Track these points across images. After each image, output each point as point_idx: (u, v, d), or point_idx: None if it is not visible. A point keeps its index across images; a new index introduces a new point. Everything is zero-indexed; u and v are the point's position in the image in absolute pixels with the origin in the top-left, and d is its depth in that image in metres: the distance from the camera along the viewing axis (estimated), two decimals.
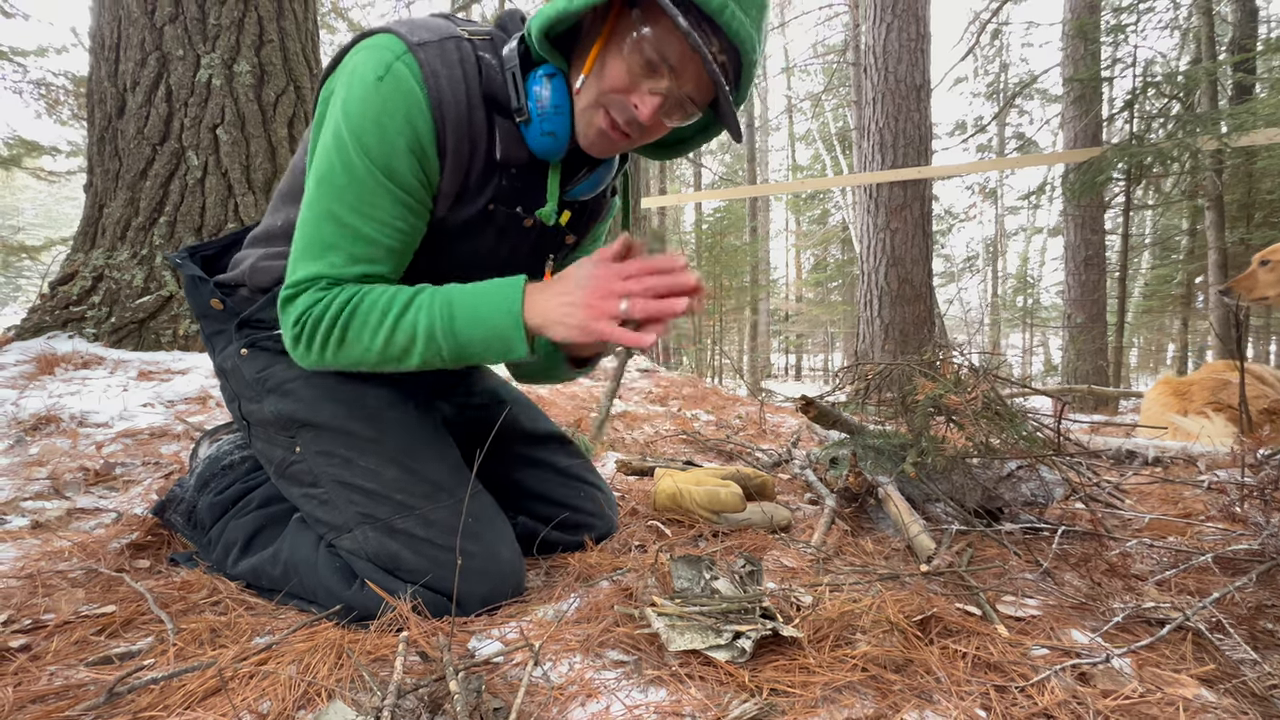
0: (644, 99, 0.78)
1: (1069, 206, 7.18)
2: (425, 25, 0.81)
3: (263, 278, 0.95)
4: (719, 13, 0.71)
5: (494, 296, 0.78)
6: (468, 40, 0.82)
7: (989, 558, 1.13)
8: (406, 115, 0.77)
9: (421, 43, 0.77)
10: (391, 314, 0.79)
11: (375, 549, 0.87)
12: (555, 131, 0.82)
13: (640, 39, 0.75)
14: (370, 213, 0.79)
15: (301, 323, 0.81)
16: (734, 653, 0.72)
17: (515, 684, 0.69)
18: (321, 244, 0.80)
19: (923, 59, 5.14)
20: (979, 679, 0.70)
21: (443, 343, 0.79)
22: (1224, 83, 6.86)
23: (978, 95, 16.18)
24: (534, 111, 0.80)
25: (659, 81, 0.78)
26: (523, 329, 0.77)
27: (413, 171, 0.80)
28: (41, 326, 2.37)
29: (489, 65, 0.82)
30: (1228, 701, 0.68)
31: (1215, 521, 1.26)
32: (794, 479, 1.72)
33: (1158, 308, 11.76)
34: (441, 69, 0.78)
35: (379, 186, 0.78)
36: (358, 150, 0.77)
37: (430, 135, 0.79)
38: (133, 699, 0.64)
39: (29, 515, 1.21)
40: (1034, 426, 1.35)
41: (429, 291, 0.81)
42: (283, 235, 0.93)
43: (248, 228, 1.14)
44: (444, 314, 0.78)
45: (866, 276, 5.31)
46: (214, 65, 2.54)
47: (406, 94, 0.76)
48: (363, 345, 0.80)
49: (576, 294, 0.75)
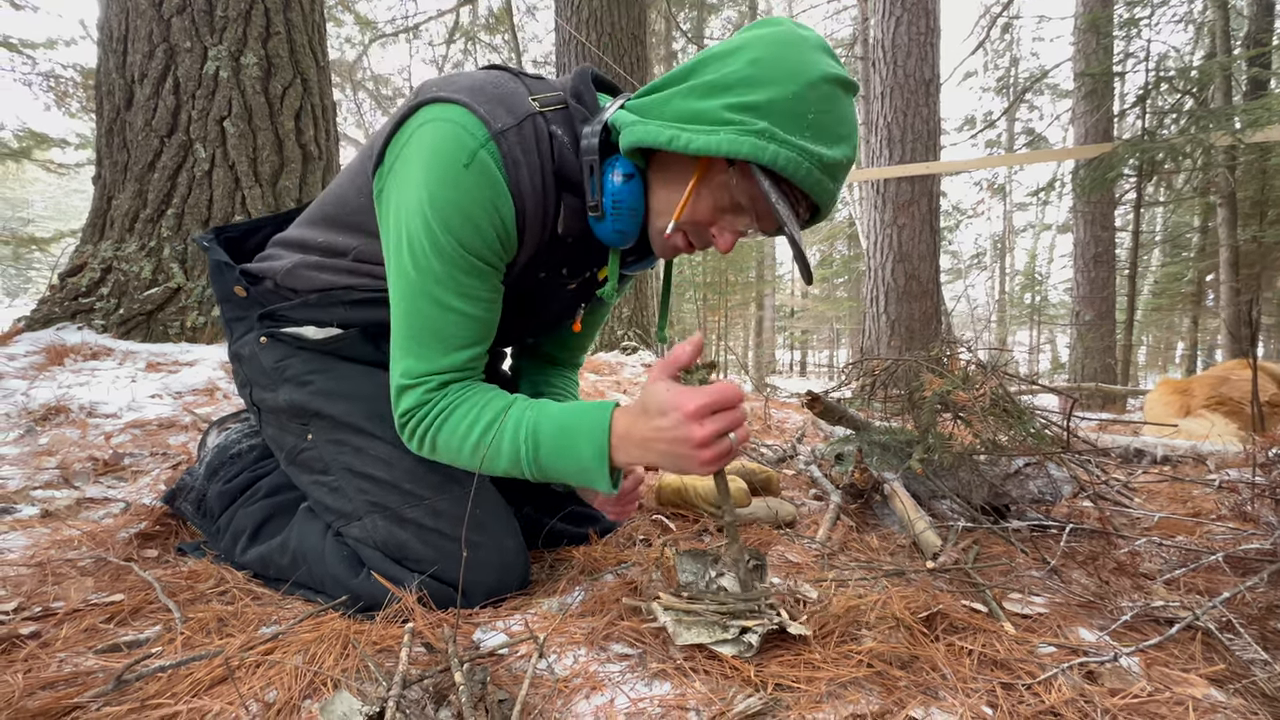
0: (724, 235, 0.81)
1: (1079, 203, 7.12)
2: (499, 99, 0.79)
3: (301, 283, 0.97)
4: (812, 189, 0.73)
5: (579, 436, 0.78)
6: (540, 114, 0.81)
7: (995, 555, 1.12)
8: (493, 203, 0.78)
9: (503, 130, 0.77)
10: (474, 435, 0.81)
11: (384, 537, 0.87)
12: (626, 231, 0.83)
13: (732, 186, 0.77)
14: (466, 292, 0.81)
15: (405, 420, 0.84)
16: (741, 647, 0.72)
17: (520, 676, 0.69)
18: (426, 330, 0.81)
19: (932, 53, 5.09)
20: (985, 676, 0.69)
21: (528, 471, 0.81)
22: (1238, 78, 6.77)
23: (987, 90, 16.04)
24: (608, 208, 0.81)
25: (741, 219, 0.80)
26: (607, 473, 0.78)
27: (495, 253, 0.81)
28: (51, 318, 2.39)
29: (560, 144, 0.82)
30: (1237, 701, 0.67)
31: (1225, 521, 1.25)
32: (799, 475, 1.71)
33: (1167, 305, 11.65)
34: (522, 158, 0.79)
35: (470, 267, 0.80)
36: (447, 236, 0.77)
37: (512, 220, 0.80)
38: (141, 686, 0.64)
39: (39, 504, 1.22)
40: (1042, 423, 1.34)
41: (515, 415, 0.81)
42: (322, 250, 0.95)
43: (272, 218, 1.15)
44: (529, 446, 0.79)
45: (873, 272, 5.28)
46: (221, 57, 2.54)
47: (492, 183, 0.77)
48: (452, 456, 0.84)
49: (679, 446, 0.72)
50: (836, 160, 0.74)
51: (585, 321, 1.13)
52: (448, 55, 11.14)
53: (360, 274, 0.93)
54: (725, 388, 0.72)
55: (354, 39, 10.95)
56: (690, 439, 0.71)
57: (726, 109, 0.72)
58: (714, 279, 12.69)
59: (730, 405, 0.72)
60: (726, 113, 0.72)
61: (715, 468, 0.73)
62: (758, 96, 0.71)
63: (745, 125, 0.71)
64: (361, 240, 0.91)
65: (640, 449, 0.75)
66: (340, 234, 0.94)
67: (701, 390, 0.72)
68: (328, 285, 0.95)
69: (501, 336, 0.94)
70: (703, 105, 0.73)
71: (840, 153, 0.74)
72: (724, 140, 0.71)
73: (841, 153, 0.74)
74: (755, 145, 0.70)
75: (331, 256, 0.95)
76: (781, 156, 0.70)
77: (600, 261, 0.97)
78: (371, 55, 11.93)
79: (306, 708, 0.62)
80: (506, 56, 10.51)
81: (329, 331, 0.96)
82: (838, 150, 0.74)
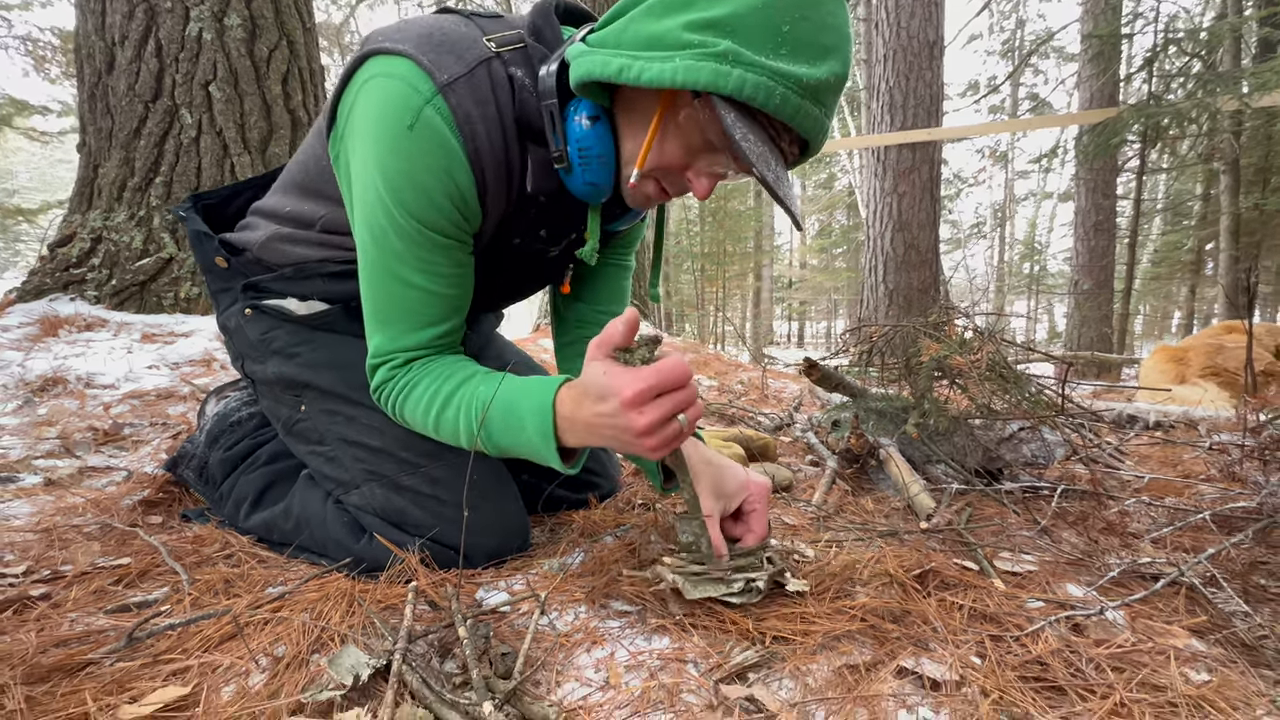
0: (700, 180, 0.72)
1: (1081, 170, 7.03)
2: (448, 46, 0.72)
3: (277, 257, 0.95)
4: (792, 117, 0.63)
5: (525, 417, 0.72)
6: (496, 58, 0.73)
7: (988, 516, 1.14)
8: (446, 170, 0.72)
9: (451, 81, 0.70)
10: (433, 412, 0.79)
11: (382, 504, 0.88)
12: (599, 184, 0.75)
13: (701, 122, 0.67)
14: (428, 269, 0.77)
15: (377, 396, 0.84)
16: (748, 595, 0.74)
17: (522, 632, 0.71)
18: (391, 308, 0.79)
19: (936, 13, 4.95)
20: (975, 629, 0.71)
21: (486, 448, 0.78)
22: (1248, 40, 6.62)
23: (992, 53, 15.70)
24: (574, 158, 0.73)
25: (717, 161, 0.71)
26: (556, 453, 0.72)
27: (456, 223, 0.76)
28: (43, 289, 2.36)
29: (522, 86, 0.74)
30: (1217, 651, 0.69)
31: (1214, 482, 1.27)
32: (795, 442, 1.73)
33: (1166, 274, 11.64)
34: (475, 109, 0.71)
35: (431, 243, 0.75)
36: (401, 211, 0.73)
37: (471, 187, 0.74)
38: (152, 644, 0.66)
39: (41, 473, 1.22)
40: (1038, 388, 1.35)
41: (467, 392, 0.77)
42: (291, 221, 0.93)
43: (250, 181, 1.12)
44: (479, 424, 0.76)
45: (872, 242, 5.24)
46: (204, 18, 2.46)
47: (441, 145, 0.70)
48: (421, 431, 0.83)
49: (622, 434, 0.65)
50: (820, 80, 0.62)
51: (608, 276, 1.06)
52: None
53: (331, 245, 0.91)
54: (668, 367, 0.63)
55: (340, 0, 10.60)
56: (631, 427, 0.63)
57: (685, 28, 0.61)
58: (712, 249, 12.59)
59: (676, 385, 0.63)
60: (685, 33, 0.61)
61: (663, 454, 0.66)
62: (720, 10, 0.60)
63: (705, 48, 0.60)
64: (328, 208, 0.88)
65: (587, 432, 0.69)
66: (307, 201, 0.91)
67: (640, 373, 0.63)
68: (301, 259, 0.93)
69: (479, 304, 0.90)
70: (660, 26, 0.63)
71: (826, 70, 0.62)
72: (679, 68, 0.61)
73: (828, 70, 0.62)
74: (715, 71, 0.60)
75: (301, 227, 0.92)
76: (749, 83, 0.60)
77: (585, 221, 0.87)
78: (359, 16, 11.55)
79: (315, 661, 0.63)
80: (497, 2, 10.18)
81: (313, 307, 0.95)
82: (822, 68, 0.62)
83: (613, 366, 0.65)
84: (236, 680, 0.61)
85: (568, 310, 1.09)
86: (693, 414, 0.66)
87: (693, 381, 0.66)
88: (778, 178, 0.64)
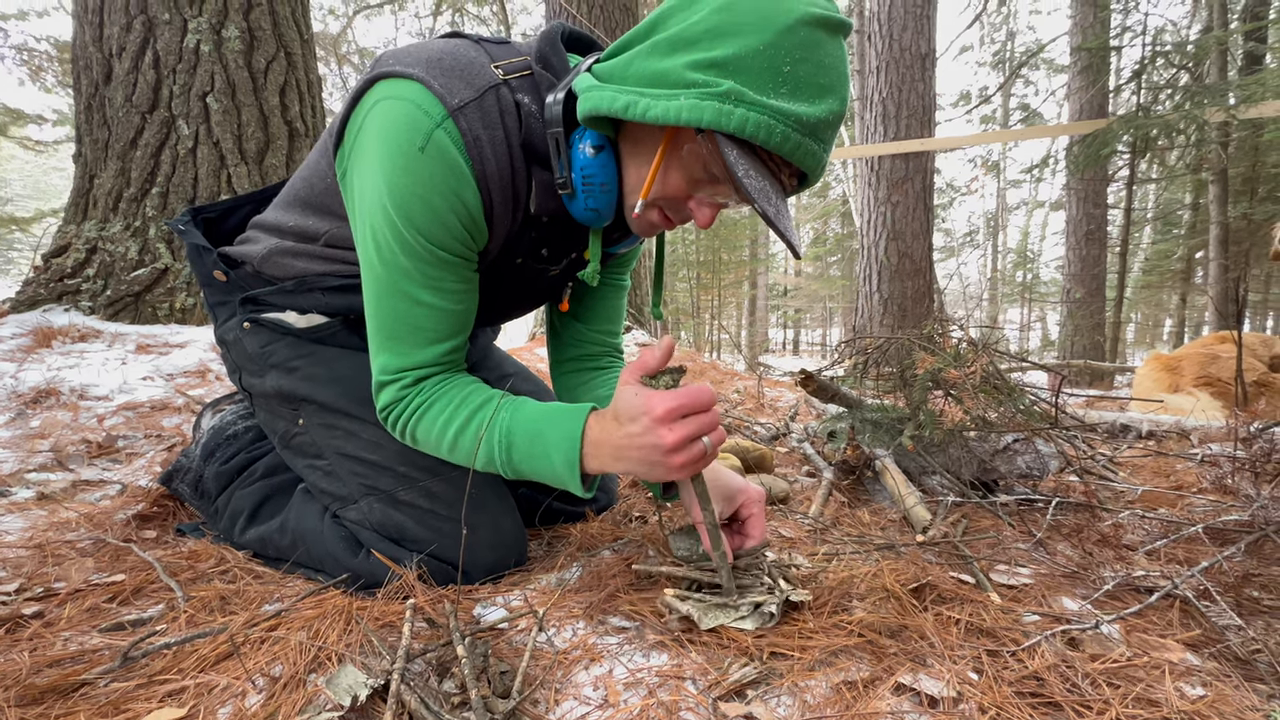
0: (701, 210, 0.74)
1: (1072, 180, 7.11)
2: (457, 71, 0.74)
3: (278, 270, 0.96)
4: (791, 154, 0.65)
5: (551, 444, 0.75)
6: (504, 84, 0.76)
7: (984, 528, 1.15)
8: (455, 191, 0.73)
9: (461, 105, 0.72)
10: (449, 434, 0.79)
11: (380, 519, 0.88)
12: (600, 209, 0.77)
13: (703, 156, 0.68)
14: (436, 285, 0.78)
15: (385, 415, 0.83)
16: (761, 619, 0.75)
17: (520, 649, 0.71)
18: (398, 325, 0.79)
19: (928, 26, 5.02)
20: (971, 643, 0.72)
21: (503, 472, 0.80)
22: (1234, 52, 6.73)
23: (983, 65, 15.90)
24: (578, 184, 0.75)
25: (719, 192, 0.72)
26: (579, 481, 0.75)
27: (464, 241, 0.77)
28: (37, 299, 2.35)
29: (529, 113, 0.76)
30: (1212, 665, 0.70)
31: (1206, 494, 1.28)
32: (792, 452, 1.74)
33: (1157, 283, 11.74)
34: (484, 133, 0.74)
35: (438, 260, 0.76)
36: (411, 230, 0.74)
37: (478, 207, 0.76)
38: (147, 663, 0.66)
39: (34, 487, 1.21)
40: (1031, 400, 1.36)
41: (488, 416, 0.78)
42: (295, 235, 0.93)
43: (249, 196, 1.13)
44: (502, 448, 0.77)
45: (866, 251, 5.28)
46: (202, 30, 2.47)
47: (451, 167, 0.72)
48: (432, 452, 0.83)
49: (650, 453, 0.69)
50: (820, 118, 0.64)
51: (605, 296, 1.08)
52: (435, 28, 10.86)
53: (334, 260, 0.91)
54: (696, 390, 0.68)
55: (338, 10, 10.66)
56: (660, 444, 0.67)
57: (690, 68, 0.63)
58: (707, 258, 12.64)
59: (702, 408, 0.68)
60: (689, 72, 0.63)
61: (688, 473, 0.70)
62: (723, 51, 0.62)
63: (709, 87, 0.62)
64: (332, 224, 0.89)
65: (613, 457, 0.72)
66: (311, 217, 0.91)
67: (670, 393, 0.68)
68: (303, 272, 0.94)
69: (480, 320, 0.91)
70: (664, 65, 0.65)
71: (825, 108, 0.65)
72: (684, 107, 0.62)
73: (827, 108, 0.65)
74: (718, 111, 0.62)
75: (304, 241, 0.92)
76: (750, 122, 0.62)
77: (585, 242, 0.91)
78: (356, 27, 11.61)
79: (312, 681, 0.63)
80: (495, 29, 10.26)
81: (313, 320, 0.96)
82: (821, 106, 0.64)
83: (643, 389, 0.70)
84: (233, 701, 0.60)
85: (564, 329, 1.10)
86: (715, 438, 0.70)
87: (716, 407, 0.71)
88: (778, 211, 0.65)
